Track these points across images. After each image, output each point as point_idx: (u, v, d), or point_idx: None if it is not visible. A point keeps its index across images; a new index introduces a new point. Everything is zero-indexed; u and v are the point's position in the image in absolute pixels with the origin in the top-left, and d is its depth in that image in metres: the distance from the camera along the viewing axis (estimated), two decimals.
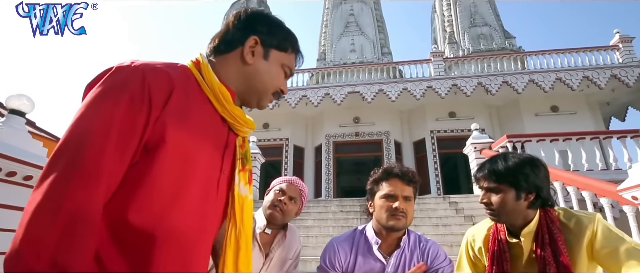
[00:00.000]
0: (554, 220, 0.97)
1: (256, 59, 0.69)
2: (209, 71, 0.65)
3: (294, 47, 0.74)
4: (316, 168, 9.89)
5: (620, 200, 2.97)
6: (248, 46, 0.68)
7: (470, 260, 1.17)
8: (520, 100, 8.89)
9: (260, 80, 0.70)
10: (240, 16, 0.71)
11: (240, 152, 0.71)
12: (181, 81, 0.61)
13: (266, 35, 0.70)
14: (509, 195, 0.98)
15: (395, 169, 1.14)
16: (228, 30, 0.70)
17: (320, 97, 9.08)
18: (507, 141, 5.21)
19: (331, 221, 5.11)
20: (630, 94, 8.56)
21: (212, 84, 0.64)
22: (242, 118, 0.68)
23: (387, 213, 1.09)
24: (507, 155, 1.03)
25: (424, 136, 9.48)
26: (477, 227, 1.17)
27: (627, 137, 4.91)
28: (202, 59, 0.67)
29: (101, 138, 0.51)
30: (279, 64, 0.72)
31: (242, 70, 0.69)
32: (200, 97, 0.64)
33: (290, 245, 1.45)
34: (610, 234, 0.91)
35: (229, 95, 0.65)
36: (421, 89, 8.73)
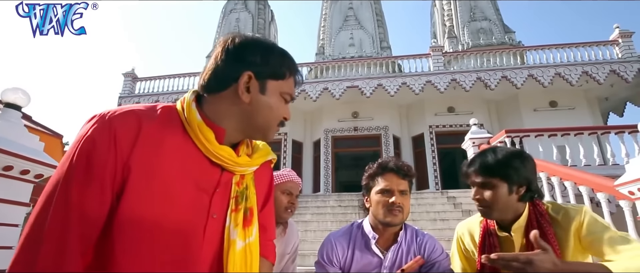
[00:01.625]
0: (543, 213, 0.97)
1: (253, 95, 0.64)
2: (190, 110, 0.62)
3: (292, 71, 0.69)
4: (315, 163, 9.90)
5: (617, 195, 2.99)
6: (242, 84, 0.63)
7: (463, 255, 1.17)
8: (519, 95, 8.89)
9: (261, 117, 0.65)
10: (228, 48, 0.65)
11: (235, 190, 0.66)
12: (155, 124, 0.59)
13: (260, 66, 0.64)
14: (501, 190, 0.97)
15: (390, 163, 1.14)
16: (217, 66, 0.64)
17: (319, 91, 9.05)
18: (506, 136, 5.22)
19: (329, 216, 5.13)
20: (629, 89, 8.57)
21: (192, 124, 0.61)
22: (230, 158, 0.63)
23: (384, 208, 1.09)
24: (496, 148, 1.03)
25: (423, 131, 9.49)
26: (468, 221, 1.17)
27: (625, 132, 4.93)
28: (188, 98, 0.64)
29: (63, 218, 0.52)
30: (278, 93, 0.67)
31: (240, 109, 0.64)
32: (182, 138, 0.61)
33: (289, 240, 1.46)
34: (596, 224, 0.92)
35: (211, 135, 0.61)
36: (420, 84, 8.71)
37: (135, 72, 10.43)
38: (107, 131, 0.56)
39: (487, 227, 1.06)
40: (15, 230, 2.36)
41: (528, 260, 0.77)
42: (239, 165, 0.65)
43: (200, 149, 0.62)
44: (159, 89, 10.12)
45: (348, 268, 1.13)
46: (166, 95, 9.78)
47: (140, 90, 10.22)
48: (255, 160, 0.69)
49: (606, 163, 5.09)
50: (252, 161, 0.68)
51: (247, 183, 0.68)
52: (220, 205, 0.63)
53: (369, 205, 1.16)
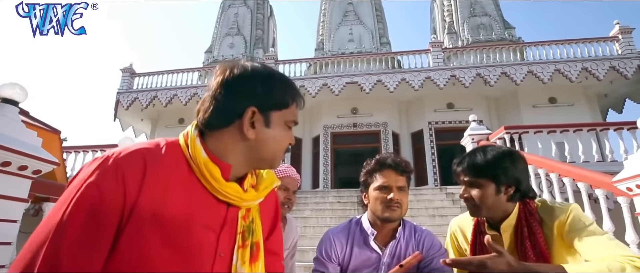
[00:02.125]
0: (533, 212, 0.97)
1: (258, 130, 0.62)
2: (195, 147, 0.60)
3: (294, 97, 0.66)
4: (314, 159, 9.90)
5: (615, 191, 3.00)
6: (247, 120, 0.60)
7: (456, 251, 1.18)
8: (518, 92, 8.88)
9: (267, 150, 0.64)
10: (227, 82, 0.61)
11: (242, 224, 0.64)
12: (160, 163, 0.57)
13: (262, 98, 0.62)
14: (489, 190, 0.97)
15: (388, 160, 1.13)
16: (217, 103, 0.61)
17: (318, 87, 9.02)
18: (505, 132, 5.22)
19: (329, 212, 5.14)
20: (628, 85, 8.57)
21: (198, 161, 0.59)
22: (237, 195, 0.61)
23: (382, 205, 1.09)
24: (486, 148, 1.02)
25: (422, 127, 9.49)
26: (460, 218, 1.17)
27: (624, 129, 4.93)
28: (191, 133, 0.62)
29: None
30: (283, 122, 0.65)
31: (245, 144, 0.62)
32: (187, 177, 0.59)
33: (288, 236, 1.47)
34: (578, 223, 0.91)
35: (217, 172, 0.59)
36: (420, 80, 8.69)
37: (133, 68, 10.37)
38: (114, 175, 0.52)
39: (478, 225, 1.07)
40: (14, 226, 2.36)
41: (481, 263, 0.78)
42: (246, 201, 0.64)
43: (206, 187, 0.60)
44: (157, 84, 10.08)
45: (347, 265, 1.13)
46: (164, 91, 9.74)
47: (138, 86, 10.18)
48: (262, 193, 0.68)
49: (604, 160, 5.10)
50: (258, 194, 0.67)
51: (253, 216, 0.67)
52: (227, 242, 0.62)
53: (367, 202, 1.16)
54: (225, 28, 12.64)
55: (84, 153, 6.40)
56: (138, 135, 11.58)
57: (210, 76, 11.13)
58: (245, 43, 12.30)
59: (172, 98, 9.59)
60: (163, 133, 10.25)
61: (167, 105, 9.63)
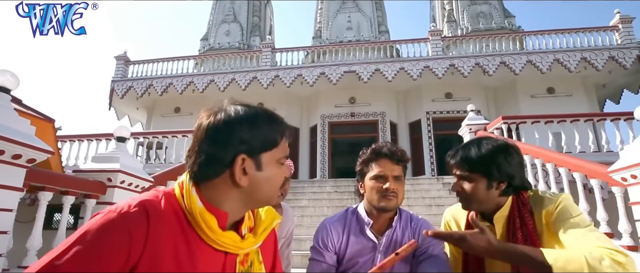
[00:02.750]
0: (526, 203, 0.97)
1: (251, 175, 0.60)
2: (190, 197, 0.59)
3: (283, 132, 0.65)
4: (311, 148, 9.90)
5: (610, 181, 3.03)
6: (238, 169, 0.59)
7: None
8: (517, 82, 8.86)
9: (262, 192, 0.63)
10: (212, 130, 0.60)
11: (240, 269, 0.64)
12: (160, 217, 0.57)
13: (250, 142, 0.60)
14: (480, 185, 0.96)
15: (384, 149, 1.13)
16: (205, 155, 0.60)
17: (315, 76, 8.94)
18: (502, 123, 5.22)
19: (326, 201, 5.17)
20: (626, 76, 8.56)
21: (193, 212, 0.58)
22: (234, 244, 0.61)
23: (378, 194, 1.09)
24: (481, 141, 1.01)
25: (420, 117, 9.48)
26: (454, 208, 1.17)
27: (621, 119, 4.95)
28: (186, 183, 0.61)
29: None
30: (274, 161, 0.64)
31: (239, 191, 0.61)
32: (185, 228, 0.59)
33: (283, 224, 1.47)
34: (565, 213, 0.91)
35: (213, 222, 0.59)
36: (418, 69, 8.63)
37: (127, 55, 10.20)
38: (122, 227, 0.53)
39: (470, 215, 1.06)
40: (10, 215, 2.34)
41: (461, 237, 0.82)
42: (243, 248, 0.63)
43: (203, 237, 0.59)
44: (152, 73, 9.94)
45: (343, 253, 1.14)
46: (160, 79, 9.62)
47: (133, 74, 10.03)
48: (260, 238, 0.67)
49: (600, 150, 5.14)
50: (256, 240, 0.66)
51: (251, 259, 0.67)
52: None
53: (363, 191, 1.16)
54: (221, 15, 12.40)
55: (79, 142, 6.36)
56: (134, 124, 11.49)
57: (207, 64, 10.88)
58: (241, 30, 12.09)
59: (168, 87, 9.48)
60: (159, 122, 10.17)
61: (162, 94, 9.53)
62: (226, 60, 9.98)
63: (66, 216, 2.84)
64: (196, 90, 9.38)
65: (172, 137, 6.24)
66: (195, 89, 9.36)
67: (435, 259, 1.06)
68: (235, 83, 9.21)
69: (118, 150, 3.32)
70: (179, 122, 9.56)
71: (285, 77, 9.03)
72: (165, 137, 6.36)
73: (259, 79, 9.16)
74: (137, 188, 3.38)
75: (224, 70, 9.59)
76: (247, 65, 9.79)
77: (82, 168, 3.33)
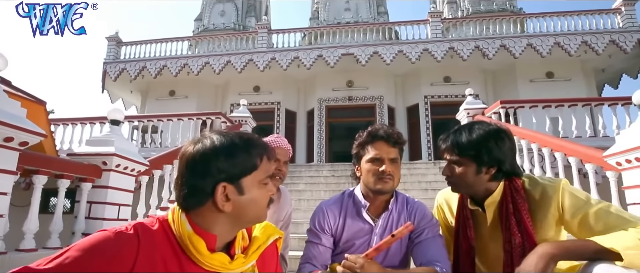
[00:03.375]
0: (519, 189, 0.97)
1: (234, 201, 0.64)
2: (180, 222, 0.63)
3: (262, 155, 0.67)
4: (308, 133, 9.88)
5: (604, 166, 3.05)
6: (219, 197, 0.62)
7: (443, 223, 1.20)
8: (516, 65, 8.78)
9: (249, 215, 0.66)
10: (191, 167, 0.63)
11: None
12: (152, 241, 0.61)
13: (229, 171, 0.63)
14: (469, 169, 0.96)
15: (380, 131, 1.12)
16: (186, 186, 0.63)
17: (312, 58, 8.79)
18: (500, 107, 5.21)
19: (323, 185, 5.20)
20: (626, 60, 8.51)
21: (183, 236, 0.62)
22: (222, 266, 0.64)
23: (374, 177, 1.09)
24: (473, 126, 1.00)
25: (418, 101, 9.43)
26: (447, 191, 1.18)
27: (619, 104, 4.95)
28: (177, 210, 0.65)
29: None
30: (257, 183, 0.66)
31: (225, 216, 0.64)
32: (176, 251, 0.62)
33: (282, 207, 1.48)
34: (577, 201, 0.91)
35: (201, 245, 0.62)
36: (417, 52, 8.51)
37: (119, 36, 9.92)
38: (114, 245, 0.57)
39: (462, 199, 1.08)
40: (5, 198, 2.32)
41: None
42: (232, 270, 0.66)
43: (193, 260, 0.63)
44: (145, 54, 9.70)
45: (340, 235, 1.15)
46: (153, 61, 9.41)
47: (126, 56, 9.79)
48: (251, 258, 0.70)
49: (597, 136, 5.16)
50: (247, 260, 0.68)
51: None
52: None
53: (359, 174, 1.16)
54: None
55: (73, 126, 6.27)
56: (128, 107, 11.33)
57: (201, 45, 10.64)
58: (236, 10, 11.76)
59: (162, 69, 9.28)
60: (153, 105, 10.03)
61: (156, 76, 9.34)
62: (221, 41, 9.75)
63: (62, 200, 2.84)
64: (191, 73, 9.21)
65: (168, 120, 6.17)
66: (190, 71, 9.18)
67: (431, 241, 1.07)
68: (230, 65, 9.04)
69: (112, 133, 3.28)
70: (174, 105, 9.44)
71: (282, 60, 8.87)
72: (161, 121, 6.29)
73: (255, 61, 8.99)
74: (133, 172, 3.37)
75: (219, 52, 9.38)
76: (243, 46, 9.58)
77: (76, 152, 3.30)
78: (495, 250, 0.99)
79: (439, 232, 1.12)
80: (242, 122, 6.30)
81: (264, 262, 0.75)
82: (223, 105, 10.18)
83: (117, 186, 3.15)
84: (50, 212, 5.19)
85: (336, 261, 1.08)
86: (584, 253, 0.80)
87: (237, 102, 7.92)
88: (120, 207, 3.19)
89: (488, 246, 1.02)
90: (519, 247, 0.91)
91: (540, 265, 0.78)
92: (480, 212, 1.03)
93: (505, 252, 0.94)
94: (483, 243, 1.03)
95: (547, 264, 0.78)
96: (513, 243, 0.92)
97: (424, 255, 1.05)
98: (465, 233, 1.03)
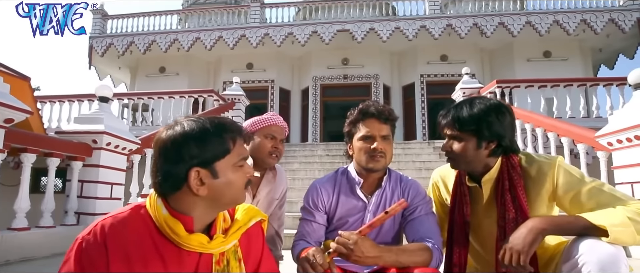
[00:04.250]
0: (516, 165, 0.97)
1: (209, 184, 0.65)
2: (156, 207, 0.65)
3: (234, 138, 0.68)
4: (303, 112, 9.80)
5: (596, 146, 3.09)
6: (193, 182, 0.64)
7: (438, 200, 1.21)
8: (514, 44, 8.69)
9: (225, 197, 0.67)
10: (164, 153, 0.65)
11: (216, 269, 0.69)
12: (122, 232, 0.63)
13: (201, 156, 0.64)
14: (469, 144, 0.96)
15: (371, 108, 1.11)
16: (160, 172, 0.65)
17: (307, 34, 8.55)
18: (496, 86, 5.19)
19: (317, 165, 5.22)
20: (623, 40, 8.46)
21: (160, 220, 0.64)
22: (200, 246, 0.66)
23: (366, 155, 1.09)
24: (474, 100, 0.99)
25: (414, 80, 9.35)
26: (443, 169, 1.18)
27: (613, 84, 4.96)
28: (153, 195, 0.67)
29: None
30: (231, 166, 0.67)
31: (201, 199, 0.66)
32: (154, 235, 0.65)
33: (278, 186, 1.49)
34: (571, 178, 0.93)
35: (178, 227, 0.64)
36: (414, 29, 8.32)
37: (105, 9, 9.46)
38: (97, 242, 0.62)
39: (459, 176, 1.08)
40: None
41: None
42: (211, 249, 0.68)
43: (173, 241, 0.65)
44: (133, 28, 9.32)
45: (333, 213, 1.16)
46: (142, 36, 9.06)
47: (113, 30, 9.39)
48: (230, 238, 0.71)
49: (590, 116, 5.21)
50: (226, 240, 0.70)
51: (228, 257, 0.71)
52: None
53: (352, 152, 1.16)
54: None
55: (60, 103, 6.10)
56: (117, 85, 11.03)
57: (192, 20, 10.23)
58: None
59: (151, 44, 8.95)
60: (143, 82, 9.76)
61: (145, 52, 9.02)
62: (212, 16, 9.39)
63: (52, 178, 2.80)
64: (181, 49, 8.91)
65: (159, 98, 6.03)
66: (180, 47, 8.88)
67: (424, 218, 1.08)
68: (222, 41, 8.76)
69: (101, 110, 3.20)
70: (165, 83, 9.21)
71: (276, 36, 8.61)
72: (151, 99, 6.14)
73: (248, 37, 8.71)
74: (124, 151, 3.31)
75: (210, 26, 9.05)
76: (235, 21, 9.25)
77: (65, 130, 3.23)
78: (489, 227, 1.01)
79: (432, 209, 1.13)
80: (235, 100, 6.18)
81: (249, 242, 0.77)
82: (215, 83, 9.97)
83: (109, 165, 3.11)
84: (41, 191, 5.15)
85: (330, 238, 1.10)
86: (573, 229, 0.83)
87: (230, 79, 7.73)
88: (113, 186, 3.17)
89: (482, 222, 1.04)
90: (513, 221, 0.92)
91: (529, 238, 0.80)
92: (477, 189, 1.04)
93: (499, 227, 0.95)
94: (478, 220, 1.05)
95: (536, 238, 0.80)
96: (507, 218, 0.93)
97: (417, 232, 1.06)
98: (461, 209, 1.04)
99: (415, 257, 0.95)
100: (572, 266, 0.79)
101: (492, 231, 0.98)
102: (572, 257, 0.79)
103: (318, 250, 0.90)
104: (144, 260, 0.63)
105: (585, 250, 0.77)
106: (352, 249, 0.86)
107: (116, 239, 0.63)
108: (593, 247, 0.77)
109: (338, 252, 0.88)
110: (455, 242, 1.04)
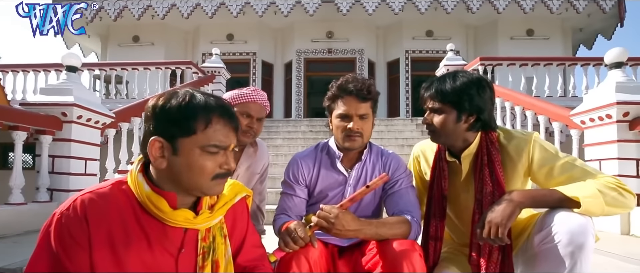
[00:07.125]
0: (494, 141, 1.00)
1: (168, 159, 0.64)
2: (138, 183, 0.65)
3: (206, 120, 0.64)
4: (286, 87, 9.60)
5: (570, 124, 3.22)
6: (152, 150, 0.63)
7: (418, 175, 1.23)
8: (498, 22, 8.72)
9: (184, 178, 0.64)
10: (144, 119, 0.67)
11: (202, 245, 0.68)
12: (119, 203, 0.64)
13: (164, 128, 0.63)
14: (450, 117, 0.98)
15: (350, 86, 1.08)
16: (142, 137, 0.67)
17: (291, 5, 8.18)
18: (479, 64, 5.23)
19: (301, 141, 5.19)
20: (603, 20, 8.64)
21: (142, 197, 0.64)
22: (186, 221, 0.66)
23: (342, 134, 1.08)
24: (457, 74, 1.00)
25: (399, 56, 9.28)
26: (424, 143, 1.20)
27: (590, 64, 5.11)
28: (133, 171, 0.67)
29: None
30: (196, 149, 0.64)
31: (164, 174, 0.65)
32: (138, 211, 0.64)
33: (259, 160, 1.46)
34: (546, 154, 0.97)
35: (162, 203, 0.63)
36: (401, 3, 8.12)
37: None
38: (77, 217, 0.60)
39: (439, 152, 1.10)
40: None
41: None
42: (197, 224, 0.67)
43: (156, 217, 0.64)
44: None
45: (314, 186, 1.16)
46: (112, 1, 8.34)
47: None
48: (217, 214, 0.70)
49: (566, 95, 5.39)
50: (212, 216, 0.69)
51: (214, 234, 0.71)
52: (187, 264, 0.67)
53: (332, 127, 1.15)
54: None
55: (25, 73, 5.67)
56: (87, 54, 10.31)
57: None
58: None
59: (122, 10, 8.29)
60: (116, 52, 9.15)
61: (116, 19, 8.37)
62: None
63: (20, 153, 2.65)
64: (156, 16, 8.32)
65: (133, 69, 5.70)
66: (155, 14, 8.28)
67: (404, 192, 1.10)
68: (200, 9, 8.23)
69: (70, 81, 2.99)
70: (139, 53, 8.67)
71: (257, 5, 8.17)
72: (125, 70, 5.80)
73: (228, 5, 8.23)
74: (97, 125, 3.15)
75: None
76: None
77: (30, 102, 3.03)
78: (466, 201, 1.04)
79: (412, 183, 1.14)
80: (215, 73, 5.94)
81: (235, 217, 0.77)
82: (194, 55, 9.51)
83: (81, 139, 2.96)
84: (10, 167, 4.88)
85: (311, 212, 1.10)
86: (548, 202, 0.88)
87: (209, 51, 7.35)
88: (87, 161, 3.03)
89: (460, 196, 1.07)
90: (490, 195, 0.95)
91: (507, 211, 0.85)
92: (456, 164, 1.06)
93: (476, 200, 0.98)
94: (455, 194, 1.08)
95: (514, 211, 0.85)
96: (484, 191, 0.96)
97: (397, 205, 1.07)
98: (440, 183, 1.06)
99: (394, 229, 0.97)
100: (544, 236, 0.84)
101: (469, 205, 1.01)
102: (545, 228, 0.84)
103: (299, 224, 0.91)
104: (127, 235, 0.62)
105: (557, 221, 0.83)
106: (333, 223, 0.87)
107: (97, 214, 0.61)
108: (564, 217, 0.83)
109: (319, 226, 0.89)
110: (433, 215, 1.07)
